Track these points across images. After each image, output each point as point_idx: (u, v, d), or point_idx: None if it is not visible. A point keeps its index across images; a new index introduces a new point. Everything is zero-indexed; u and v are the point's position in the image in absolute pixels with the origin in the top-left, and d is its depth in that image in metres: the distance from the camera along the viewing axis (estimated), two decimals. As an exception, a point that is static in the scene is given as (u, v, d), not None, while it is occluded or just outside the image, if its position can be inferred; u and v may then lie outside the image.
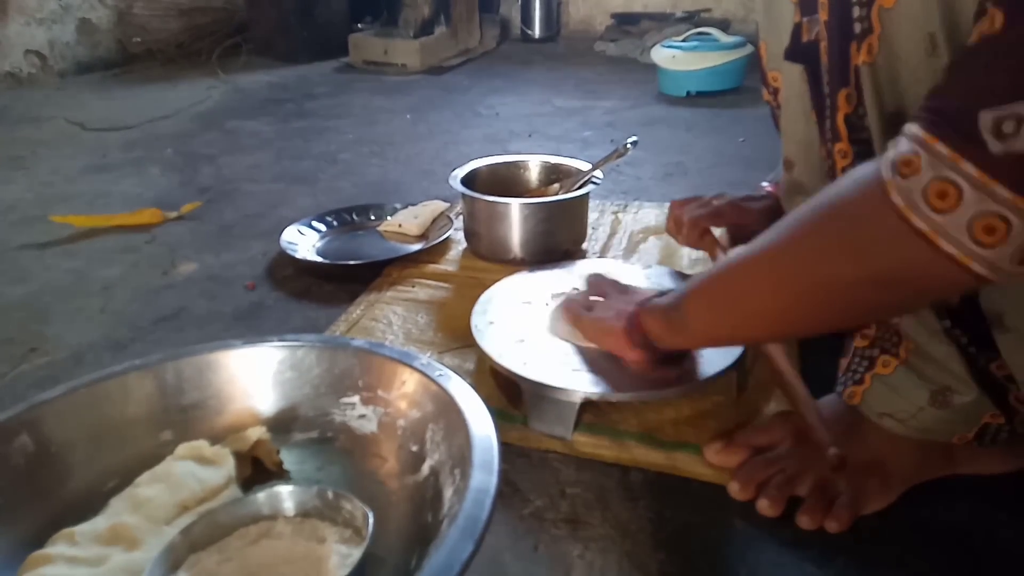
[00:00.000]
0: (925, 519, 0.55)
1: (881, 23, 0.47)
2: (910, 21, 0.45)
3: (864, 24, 0.48)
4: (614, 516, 0.56)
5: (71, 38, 2.47)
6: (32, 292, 0.97)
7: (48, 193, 1.35)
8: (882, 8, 0.46)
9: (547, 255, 0.95)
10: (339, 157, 1.54)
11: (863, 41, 0.48)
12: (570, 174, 1.04)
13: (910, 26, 0.45)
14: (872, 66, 0.48)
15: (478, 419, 0.52)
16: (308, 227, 1.09)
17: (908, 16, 0.45)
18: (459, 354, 0.77)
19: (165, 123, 1.84)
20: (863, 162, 0.51)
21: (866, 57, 0.48)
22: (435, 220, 1.10)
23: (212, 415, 0.61)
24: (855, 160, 0.52)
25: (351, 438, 0.61)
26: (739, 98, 1.93)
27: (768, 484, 0.56)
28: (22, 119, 1.90)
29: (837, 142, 0.53)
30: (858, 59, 0.49)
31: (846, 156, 0.52)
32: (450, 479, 0.51)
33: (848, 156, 0.52)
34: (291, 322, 0.88)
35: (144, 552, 0.48)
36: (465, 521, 0.43)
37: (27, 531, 0.50)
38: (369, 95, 2.14)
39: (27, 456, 0.54)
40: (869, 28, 0.47)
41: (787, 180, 0.71)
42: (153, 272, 1.02)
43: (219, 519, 0.50)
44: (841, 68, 0.51)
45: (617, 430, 0.64)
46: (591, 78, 2.29)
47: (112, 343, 0.84)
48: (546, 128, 1.74)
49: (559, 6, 3.03)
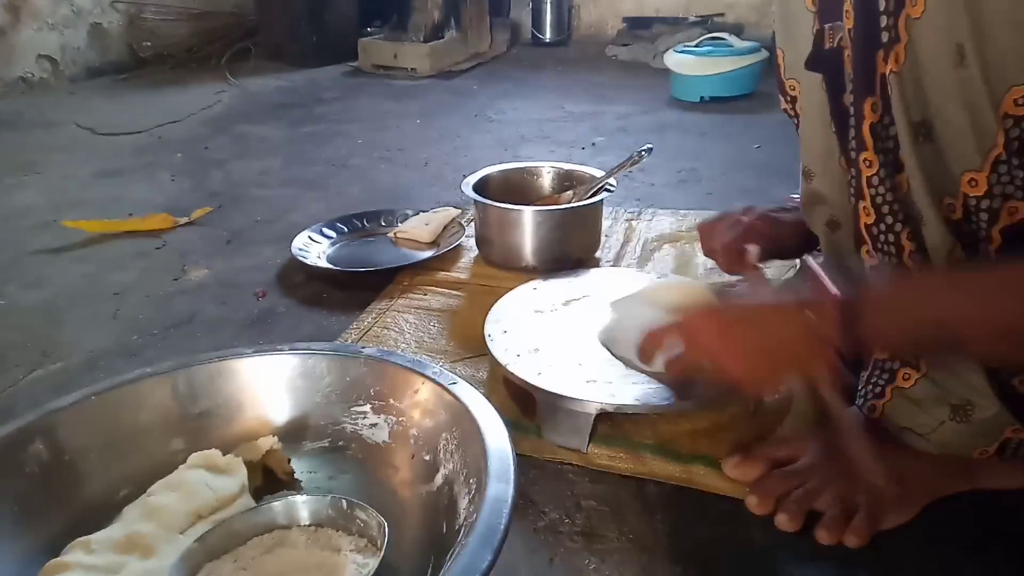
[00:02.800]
0: (945, 534, 0.54)
1: (908, 32, 0.46)
2: (937, 31, 0.45)
3: (891, 33, 0.47)
4: (630, 529, 0.56)
5: (82, 43, 2.49)
6: (46, 297, 0.97)
7: (60, 198, 1.35)
8: (909, 17, 0.46)
9: (560, 263, 0.95)
10: (349, 162, 1.54)
11: (890, 50, 0.48)
12: (583, 181, 1.04)
13: (937, 36, 0.45)
14: (899, 75, 0.48)
15: (493, 429, 0.52)
16: (319, 233, 1.09)
17: (935, 26, 0.45)
18: (472, 363, 0.77)
19: (175, 128, 1.84)
20: (890, 172, 0.51)
21: (893, 66, 0.48)
22: (446, 227, 1.10)
23: (224, 423, 0.61)
24: (880, 169, 0.51)
25: (363, 447, 0.61)
26: (753, 104, 1.92)
27: (787, 498, 0.56)
28: (34, 124, 1.91)
29: (863, 151, 0.52)
30: (885, 68, 0.48)
31: (872, 165, 0.52)
32: (465, 489, 0.51)
33: (874, 165, 0.52)
34: (302, 329, 0.87)
35: (159, 560, 0.48)
36: (483, 530, 0.42)
37: (43, 538, 0.51)
38: (379, 99, 2.14)
39: (41, 463, 0.54)
40: (896, 37, 0.47)
41: (806, 190, 0.70)
42: (164, 278, 1.02)
43: (234, 528, 0.50)
44: (867, 77, 0.50)
45: (633, 442, 0.63)
46: (602, 83, 2.29)
47: (125, 348, 0.84)
48: (557, 133, 1.74)
49: (570, 10, 3.03)
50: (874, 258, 0.54)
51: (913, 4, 0.46)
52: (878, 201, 0.52)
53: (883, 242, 0.53)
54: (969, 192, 0.48)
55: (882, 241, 0.53)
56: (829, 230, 0.70)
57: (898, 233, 0.52)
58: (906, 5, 0.46)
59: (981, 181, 0.47)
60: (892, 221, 0.52)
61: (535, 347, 0.70)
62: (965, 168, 0.47)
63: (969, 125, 0.46)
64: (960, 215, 0.49)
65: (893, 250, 0.52)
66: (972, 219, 0.49)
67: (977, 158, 0.47)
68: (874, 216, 0.53)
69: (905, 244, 0.52)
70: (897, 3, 0.47)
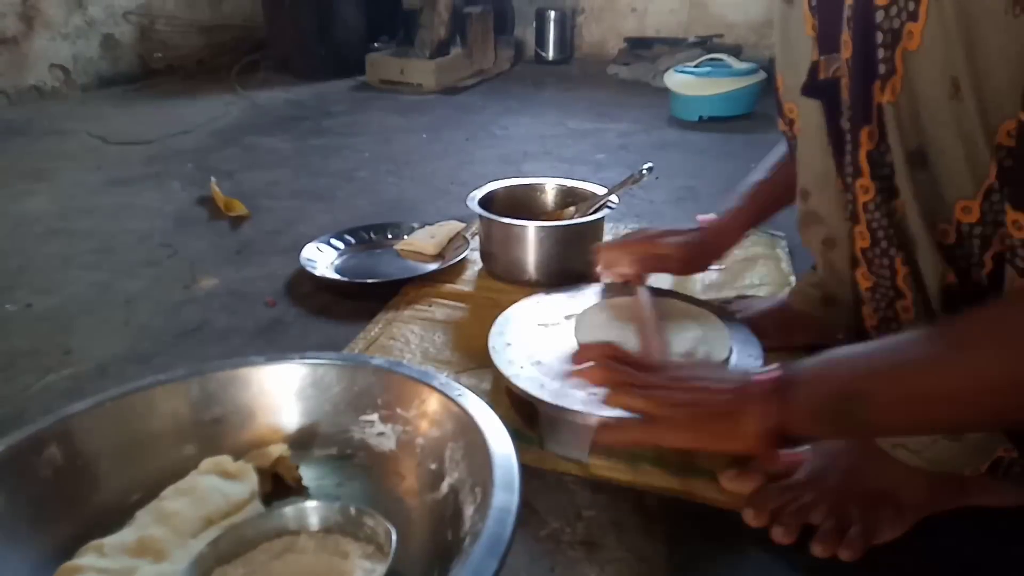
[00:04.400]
0: (938, 550, 0.56)
1: (904, 65, 0.47)
2: (933, 64, 0.46)
3: (888, 66, 0.49)
4: (630, 540, 0.57)
5: (94, 53, 2.52)
6: (56, 304, 0.99)
7: (71, 206, 1.37)
8: (906, 51, 0.47)
9: (562, 277, 0.96)
10: (356, 175, 1.56)
11: (887, 81, 0.49)
12: (586, 198, 1.06)
13: (933, 69, 0.46)
14: (895, 105, 0.49)
15: (498, 439, 0.53)
16: (327, 244, 1.11)
17: (931, 59, 0.46)
18: (476, 374, 0.79)
19: (185, 138, 1.87)
20: (885, 198, 0.52)
21: (890, 96, 0.49)
22: (451, 240, 1.12)
23: (234, 430, 0.63)
24: (877, 196, 0.53)
25: (370, 455, 0.62)
26: (751, 124, 1.95)
27: (783, 511, 0.57)
28: (46, 132, 1.94)
29: (859, 178, 0.53)
30: (881, 98, 0.50)
31: (868, 191, 0.53)
32: (470, 497, 0.52)
33: (870, 191, 0.53)
34: (310, 338, 0.89)
35: (171, 564, 0.49)
36: (489, 540, 0.44)
37: (56, 542, 0.52)
38: (385, 114, 2.17)
39: (55, 468, 0.55)
40: (892, 70, 0.48)
41: (803, 210, 0.72)
42: (175, 286, 1.04)
43: (245, 533, 0.51)
44: (864, 106, 0.52)
45: (633, 454, 0.65)
46: (604, 100, 2.32)
47: (136, 356, 0.86)
48: (559, 150, 1.76)
49: (573, 29, 3.07)
50: (869, 280, 0.56)
51: (910, 38, 0.47)
52: (873, 226, 0.53)
53: (878, 265, 0.54)
54: (962, 219, 0.49)
55: (877, 264, 0.54)
56: (825, 248, 0.71)
57: (892, 257, 0.53)
58: (902, 39, 0.47)
59: (974, 209, 0.48)
60: (887, 246, 0.53)
61: (538, 359, 0.71)
62: (959, 196, 0.49)
63: (963, 155, 0.47)
64: (953, 240, 0.50)
65: (888, 273, 0.54)
66: (965, 245, 0.50)
67: (971, 187, 0.48)
68: (869, 240, 0.54)
69: (899, 268, 0.53)
70: (894, 36, 0.48)
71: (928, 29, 0.46)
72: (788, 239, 1.12)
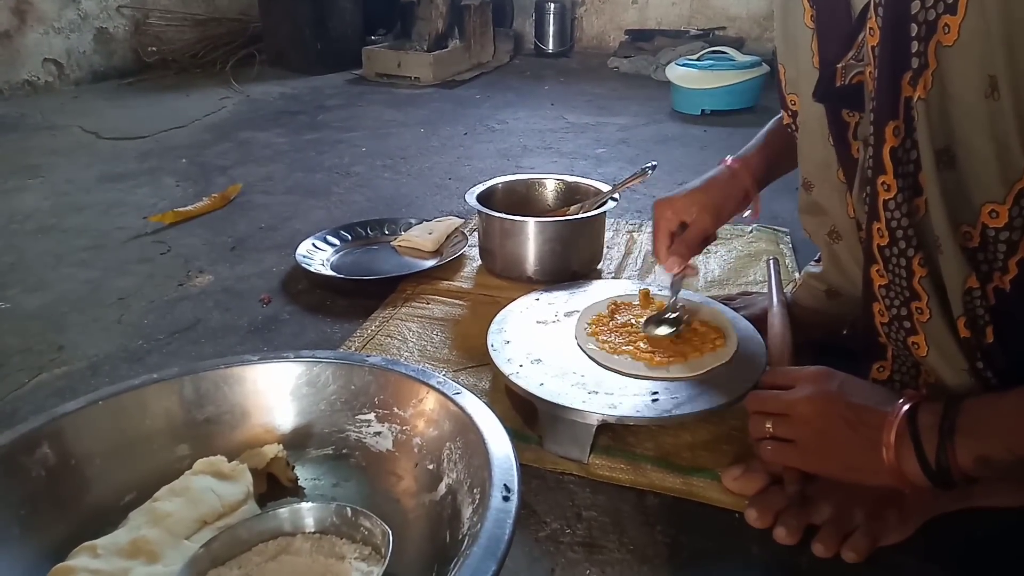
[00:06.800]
0: (942, 552, 0.55)
1: (938, 59, 0.45)
2: (970, 60, 0.44)
3: (921, 59, 0.46)
4: (630, 540, 0.56)
5: (88, 47, 2.50)
6: (50, 302, 0.97)
7: (64, 202, 1.36)
8: (940, 44, 0.45)
9: (562, 274, 0.95)
10: (352, 170, 1.55)
11: (919, 76, 0.47)
12: (587, 194, 1.04)
13: (969, 65, 0.44)
14: (925, 102, 0.47)
15: (496, 439, 0.52)
16: (323, 241, 1.10)
17: (968, 55, 0.44)
18: (474, 372, 0.78)
19: (179, 133, 1.85)
20: (907, 196, 0.50)
21: (920, 92, 0.47)
22: (449, 236, 1.11)
23: (228, 430, 0.62)
24: (899, 194, 0.51)
25: (366, 455, 0.61)
26: (754, 118, 1.94)
27: (785, 512, 0.56)
28: (38, 127, 1.92)
29: (881, 174, 0.51)
30: (912, 92, 0.47)
31: (889, 189, 0.51)
32: (469, 498, 0.51)
33: (892, 189, 0.51)
34: (305, 336, 0.88)
35: (164, 566, 0.48)
36: (487, 540, 0.43)
37: (49, 542, 0.51)
38: (382, 108, 2.16)
39: (48, 468, 0.54)
40: (925, 63, 0.46)
41: (805, 200, 0.71)
42: (168, 283, 1.02)
43: (239, 534, 0.50)
44: (891, 100, 0.49)
45: (633, 453, 0.64)
46: (604, 94, 2.31)
47: (129, 354, 0.84)
48: (559, 144, 1.75)
49: (573, 21, 3.05)
50: (884, 278, 0.54)
51: (946, 31, 0.45)
52: (892, 225, 0.52)
53: (895, 264, 0.53)
54: (989, 223, 0.47)
55: (894, 264, 0.53)
56: (831, 240, 0.71)
57: (910, 258, 0.51)
58: (938, 31, 0.45)
59: (1003, 213, 0.47)
60: (905, 246, 0.51)
61: (537, 358, 0.71)
62: (987, 199, 0.47)
63: (995, 157, 0.45)
64: (977, 243, 0.49)
65: (904, 273, 0.52)
66: (989, 248, 0.49)
67: (1000, 190, 0.46)
68: (888, 239, 0.52)
69: (916, 270, 0.51)
70: (928, 28, 0.46)
71: (967, 23, 0.44)
72: (792, 235, 1.11)
